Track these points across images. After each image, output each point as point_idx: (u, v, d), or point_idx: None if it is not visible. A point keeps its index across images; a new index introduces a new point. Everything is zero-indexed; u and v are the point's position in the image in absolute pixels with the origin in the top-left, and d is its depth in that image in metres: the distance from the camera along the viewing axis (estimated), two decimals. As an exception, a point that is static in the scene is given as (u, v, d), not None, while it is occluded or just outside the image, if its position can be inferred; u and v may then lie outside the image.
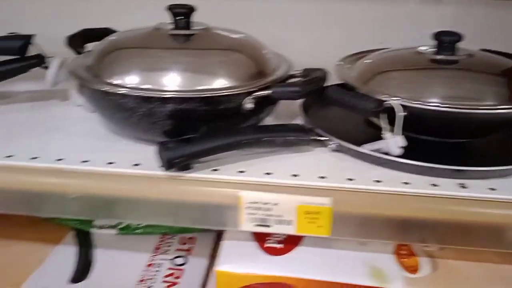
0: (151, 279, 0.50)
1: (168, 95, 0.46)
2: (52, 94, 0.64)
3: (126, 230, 0.56)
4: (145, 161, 0.46)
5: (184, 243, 0.56)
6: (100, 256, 0.53)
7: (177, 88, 0.47)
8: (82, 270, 0.51)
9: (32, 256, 0.53)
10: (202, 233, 0.58)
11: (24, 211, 0.46)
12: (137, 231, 0.56)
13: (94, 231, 0.57)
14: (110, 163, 0.46)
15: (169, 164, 0.43)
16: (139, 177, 0.44)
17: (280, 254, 0.47)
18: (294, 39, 0.59)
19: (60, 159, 0.46)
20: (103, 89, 0.47)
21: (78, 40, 0.61)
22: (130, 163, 0.46)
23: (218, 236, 0.58)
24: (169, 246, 0.55)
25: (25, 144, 0.49)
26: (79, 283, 0.49)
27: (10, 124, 0.55)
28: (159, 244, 0.55)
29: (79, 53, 0.59)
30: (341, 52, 0.60)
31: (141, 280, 0.50)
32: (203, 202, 0.43)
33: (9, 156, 0.47)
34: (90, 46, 0.60)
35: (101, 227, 0.57)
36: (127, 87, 0.47)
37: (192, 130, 0.47)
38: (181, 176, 0.44)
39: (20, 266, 0.51)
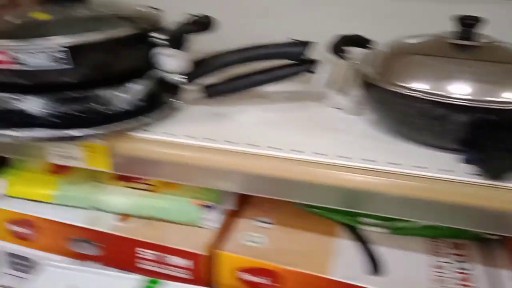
0: (443, 280, 0.52)
1: (470, 104, 0.47)
2: (306, 96, 0.68)
3: (400, 230, 0.58)
4: (455, 168, 0.48)
5: (459, 248, 0.57)
6: (380, 252, 0.56)
7: (470, 98, 0.48)
8: (375, 264, 0.54)
9: (316, 244, 0.58)
10: (470, 240, 0.58)
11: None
12: (411, 232, 0.58)
13: (362, 227, 0.60)
14: (418, 166, 0.48)
15: (499, 173, 0.44)
16: (455, 183, 0.46)
17: None
18: None
19: (343, 157, 0.50)
20: (404, 92, 0.49)
21: (339, 46, 0.64)
22: (438, 168, 0.48)
23: (482, 244, 0.58)
24: (445, 249, 0.56)
25: (310, 141, 0.54)
26: (377, 276, 0.53)
27: (286, 121, 0.60)
28: (435, 247, 0.57)
29: (340, 57, 0.63)
30: None
31: (435, 280, 0.52)
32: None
33: (295, 150, 0.51)
34: (353, 50, 0.63)
35: (370, 225, 0.60)
36: (421, 92, 0.49)
37: (483, 140, 0.48)
38: (500, 185, 0.45)
39: (311, 253, 0.56)
